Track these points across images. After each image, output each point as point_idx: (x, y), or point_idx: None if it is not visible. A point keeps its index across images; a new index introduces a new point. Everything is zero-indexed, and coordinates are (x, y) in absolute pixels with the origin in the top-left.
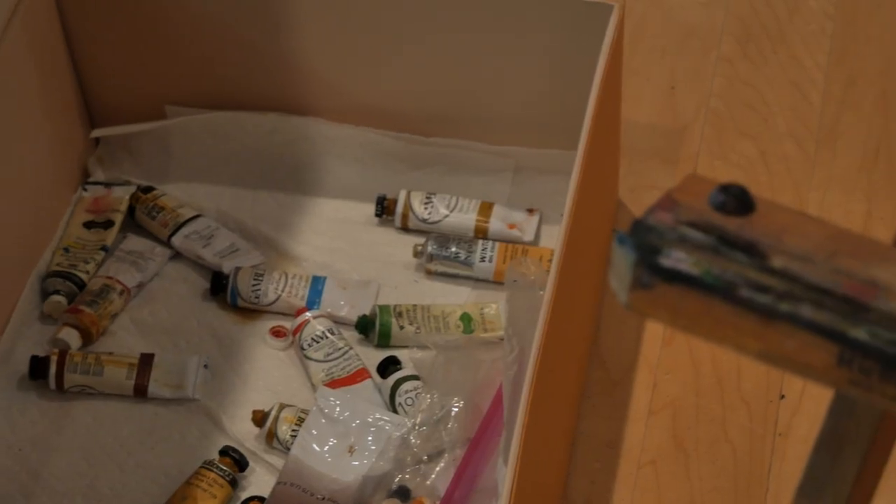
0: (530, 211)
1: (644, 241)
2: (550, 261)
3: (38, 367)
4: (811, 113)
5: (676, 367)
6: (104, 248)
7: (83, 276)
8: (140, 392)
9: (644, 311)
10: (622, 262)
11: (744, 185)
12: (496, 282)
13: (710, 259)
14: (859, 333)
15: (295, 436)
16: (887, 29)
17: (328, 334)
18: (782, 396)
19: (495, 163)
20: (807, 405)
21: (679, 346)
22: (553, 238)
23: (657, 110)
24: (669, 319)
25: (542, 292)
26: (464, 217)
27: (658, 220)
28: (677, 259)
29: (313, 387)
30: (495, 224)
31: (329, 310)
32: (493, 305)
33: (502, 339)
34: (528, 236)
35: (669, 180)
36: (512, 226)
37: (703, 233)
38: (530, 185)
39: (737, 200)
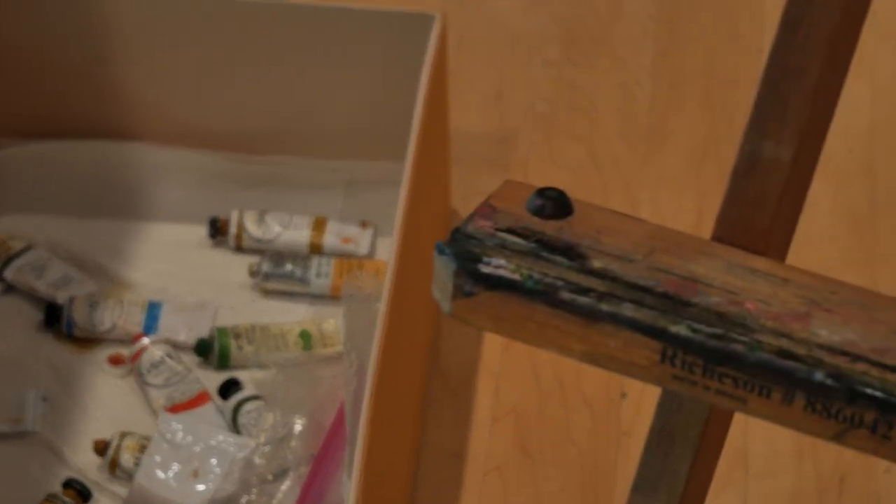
0: (364, 224)
1: (463, 249)
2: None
3: None
4: (638, 114)
5: (517, 372)
6: None
7: None
8: None
9: (467, 320)
10: (443, 271)
11: (560, 189)
12: (333, 297)
13: (530, 264)
14: (680, 329)
15: (138, 463)
16: (708, 29)
17: (167, 359)
18: (624, 395)
19: (327, 178)
20: (649, 403)
21: (519, 351)
22: (388, 250)
23: (485, 117)
24: (493, 326)
25: (379, 305)
26: (298, 234)
27: (477, 228)
28: (497, 266)
29: (154, 413)
30: (329, 239)
31: (166, 335)
32: (332, 321)
33: (342, 355)
34: (363, 250)
35: None
36: (346, 240)
37: (523, 238)
38: (363, 198)
39: (554, 204)
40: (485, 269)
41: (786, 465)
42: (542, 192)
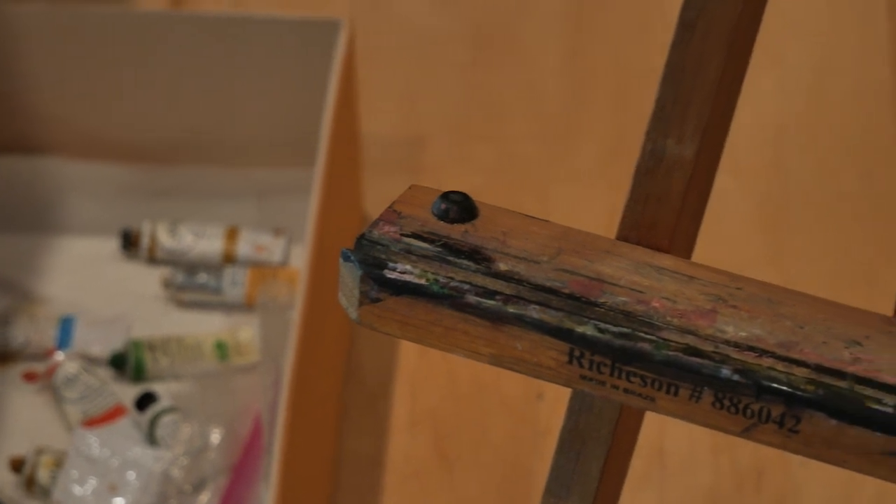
0: (277, 232)
1: (369, 255)
2: None
3: None
4: (549, 113)
5: (434, 376)
6: None
7: None
8: None
9: (374, 326)
10: (349, 278)
11: (465, 192)
12: (248, 306)
13: (436, 268)
14: (587, 330)
15: (55, 479)
16: (616, 26)
17: (82, 374)
18: (540, 396)
19: (239, 186)
20: (565, 404)
21: (435, 355)
22: (302, 258)
23: (396, 121)
24: (400, 332)
25: (294, 313)
26: (211, 244)
27: (382, 234)
28: (403, 271)
29: (71, 428)
30: (243, 248)
31: (81, 349)
32: (247, 330)
33: (258, 364)
34: (277, 258)
35: None
36: (260, 249)
37: (428, 242)
38: (276, 206)
39: (459, 207)
40: (390, 275)
41: (703, 461)
42: (446, 196)
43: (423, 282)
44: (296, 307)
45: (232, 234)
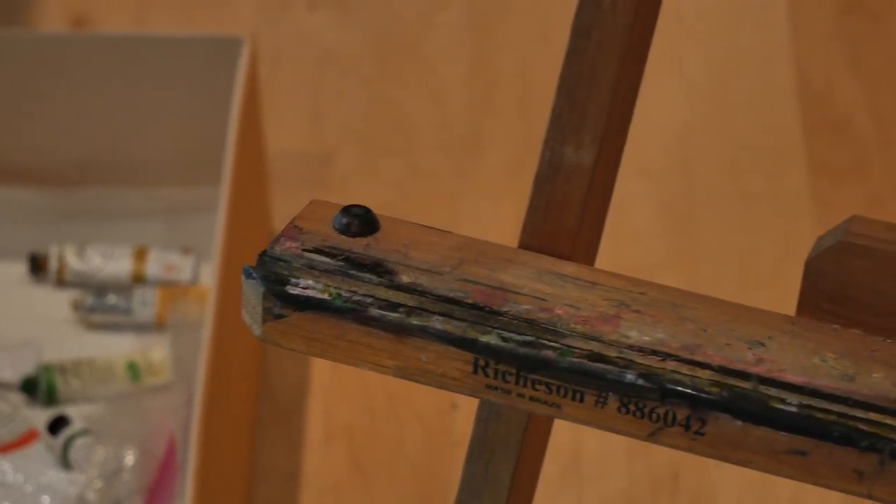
0: (186, 251)
1: (271, 272)
2: None
3: None
4: (455, 124)
5: (347, 390)
6: None
7: None
8: None
9: (279, 342)
10: (252, 295)
11: (366, 206)
12: (159, 326)
13: (338, 282)
14: (491, 339)
15: None
16: (519, 36)
17: None
18: (454, 406)
19: (146, 206)
20: None
21: (348, 369)
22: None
23: (303, 137)
24: (305, 347)
25: (204, 331)
26: (119, 265)
27: (284, 250)
28: (305, 286)
29: None
30: (152, 268)
31: None
32: (159, 350)
33: (171, 384)
34: (187, 277)
35: None
36: (169, 268)
37: (330, 257)
38: (184, 224)
39: (360, 221)
40: (293, 291)
41: (619, 465)
42: (347, 210)
43: (325, 297)
44: (205, 325)
45: (140, 255)
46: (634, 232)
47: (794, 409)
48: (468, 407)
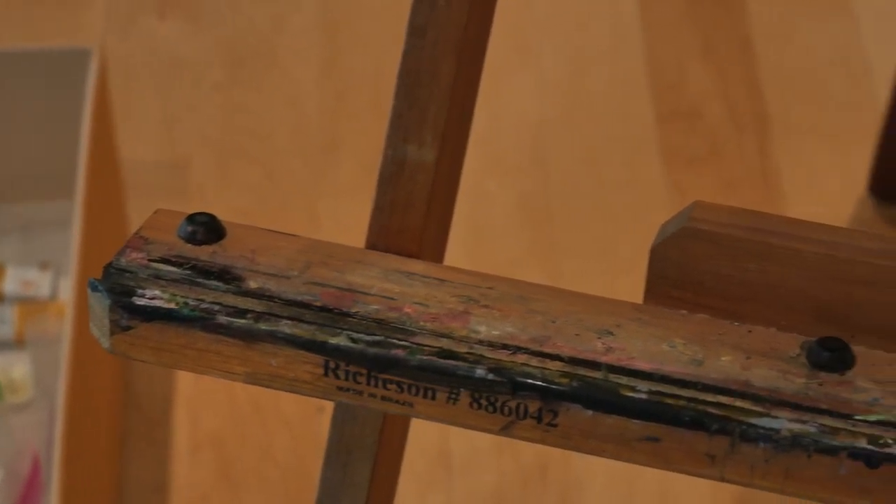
0: (44, 266)
1: (117, 283)
2: None
3: None
4: (310, 127)
5: (213, 399)
6: None
7: None
8: None
9: (128, 354)
10: (98, 307)
11: (211, 213)
12: (19, 343)
13: (185, 291)
14: (340, 341)
15: None
16: (373, 35)
17: None
18: (320, 410)
19: (2, 222)
20: None
21: (213, 378)
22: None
23: (158, 146)
24: (154, 358)
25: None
26: None
27: (130, 261)
28: (152, 297)
29: None
30: (9, 285)
31: None
32: (20, 368)
33: (32, 401)
34: (45, 292)
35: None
36: (27, 284)
37: (176, 266)
38: (41, 240)
39: (205, 229)
40: (140, 302)
41: (487, 460)
42: (192, 219)
43: (172, 306)
44: (64, 340)
45: None
46: (493, 228)
47: (644, 396)
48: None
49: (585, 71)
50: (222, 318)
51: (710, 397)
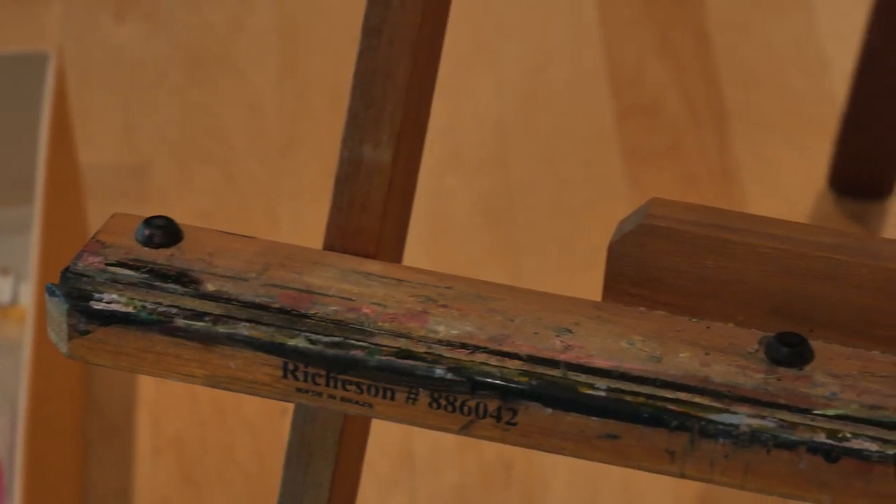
0: (4, 271)
1: (74, 288)
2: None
3: None
4: (269, 128)
5: (175, 402)
6: None
7: None
8: None
9: (87, 358)
10: (56, 312)
11: (168, 217)
12: None
13: (143, 295)
14: (298, 342)
15: None
16: (332, 35)
17: None
18: (283, 412)
19: None
20: None
21: (174, 381)
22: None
23: (117, 150)
24: (113, 362)
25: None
26: None
27: (87, 266)
28: (110, 301)
29: None
30: None
31: None
32: None
33: None
34: (5, 298)
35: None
36: None
37: (134, 270)
38: (1, 244)
39: (163, 232)
40: (97, 306)
41: (450, 460)
42: (149, 222)
43: (130, 310)
44: (24, 346)
45: None
46: (453, 227)
47: (603, 394)
48: None
49: (544, 68)
50: (180, 322)
51: (669, 394)
